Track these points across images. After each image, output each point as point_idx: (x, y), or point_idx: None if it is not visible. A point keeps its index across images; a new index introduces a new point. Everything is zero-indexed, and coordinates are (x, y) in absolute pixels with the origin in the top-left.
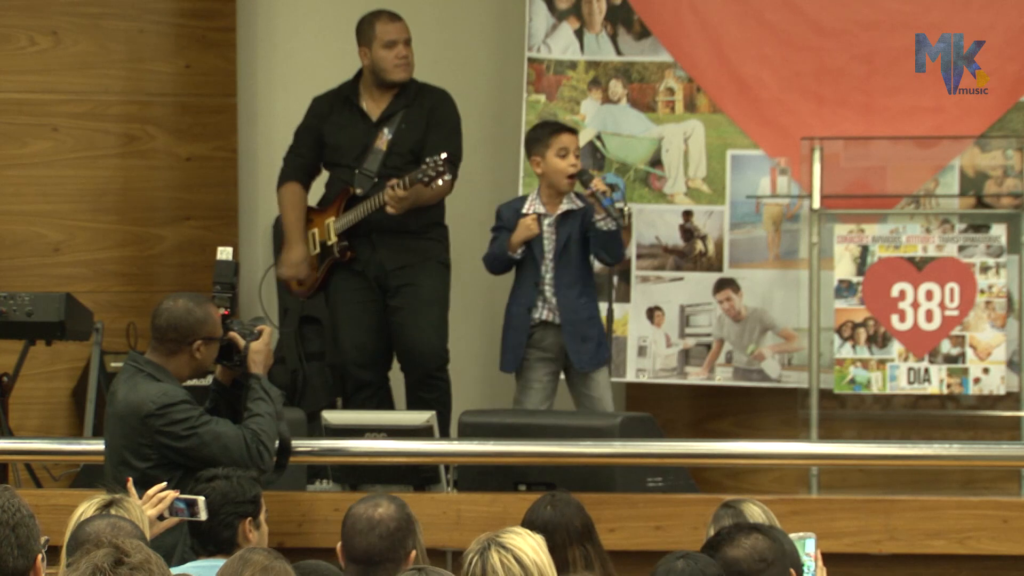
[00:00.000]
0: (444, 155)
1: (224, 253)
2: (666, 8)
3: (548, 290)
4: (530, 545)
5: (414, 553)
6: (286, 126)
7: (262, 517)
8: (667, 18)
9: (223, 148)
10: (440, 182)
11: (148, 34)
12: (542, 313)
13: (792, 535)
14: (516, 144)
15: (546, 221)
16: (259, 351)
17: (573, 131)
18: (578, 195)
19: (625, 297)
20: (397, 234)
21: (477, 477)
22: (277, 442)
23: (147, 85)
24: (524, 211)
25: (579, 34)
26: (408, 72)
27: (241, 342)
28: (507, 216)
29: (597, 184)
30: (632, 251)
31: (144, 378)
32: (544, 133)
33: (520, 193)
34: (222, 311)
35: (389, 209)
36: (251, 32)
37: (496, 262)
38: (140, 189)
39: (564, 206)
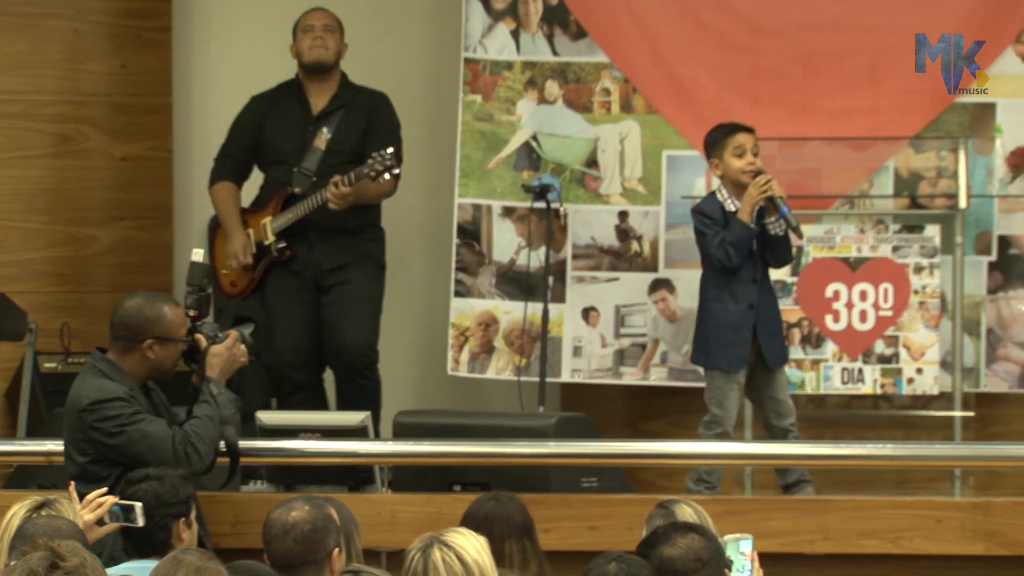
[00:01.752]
0: (391, 149)
1: (196, 255)
2: (602, 9)
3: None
4: (472, 545)
5: (336, 552)
6: (222, 126)
7: (193, 516)
8: (603, 19)
9: (158, 148)
10: (387, 176)
11: (84, 34)
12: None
13: (728, 536)
14: (452, 144)
15: (784, 207)
16: (218, 355)
17: (749, 129)
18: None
19: (560, 297)
20: (335, 233)
21: (412, 477)
22: (223, 446)
23: (82, 85)
24: (725, 207)
25: (515, 34)
26: (321, 54)
27: (203, 344)
28: (712, 211)
29: (775, 188)
30: (567, 251)
31: (94, 374)
32: (720, 135)
33: (456, 192)
34: (191, 313)
35: (331, 205)
36: (187, 32)
37: (744, 244)
38: (74, 189)
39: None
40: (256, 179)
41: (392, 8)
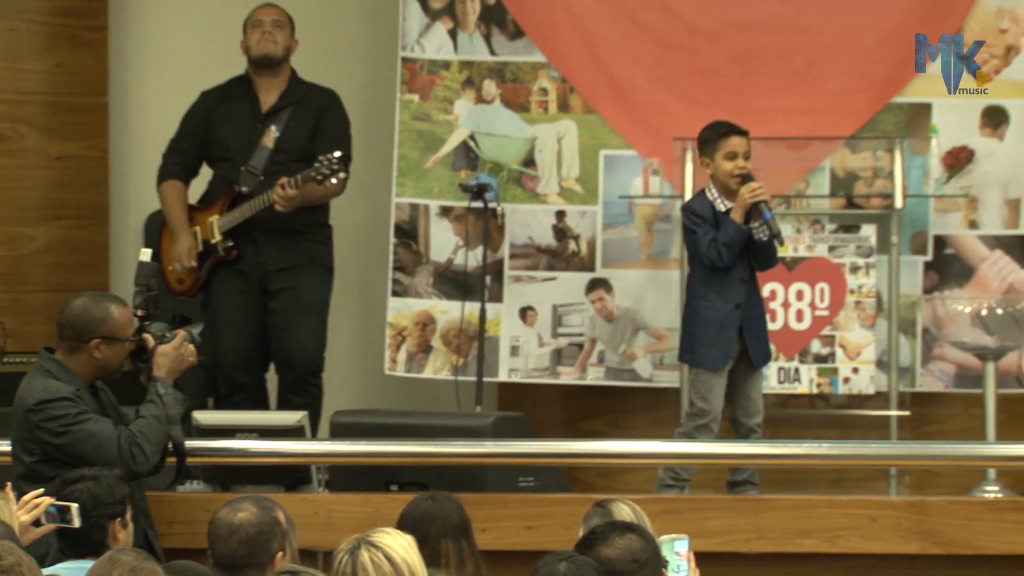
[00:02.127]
0: (338, 153)
1: (144, 255)
2: (540, 8)
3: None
4: (400, 544)
5: (280, 555)
6: (158, 125)
7: (128, 516)
8: (541, 18)
9: (94, 147)
10: (334, 180)
11: (19, 32)
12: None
13: (664, 536)
14: (389, 143)
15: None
16: (166, 354)
17: (742, 133)
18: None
19: (498, 297)
20: (282, 233)
21: (349, 477)
22: (170, 446)
23: (18, 84)
24: (715, 206)
25: (453, 34)
26: (270, 48)
27: (151, 343)
28: (702, 210)
29: (764, 194)
30: (505, 251)
31: (41, 374)
32: (714, 135)
33: (394, 192)
34: (139, 312)
35: (278, 207)
36: (123, 31)
37: (737, 245)
38: (10, 188)
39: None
40: (206, 174)
41: (329, 7)
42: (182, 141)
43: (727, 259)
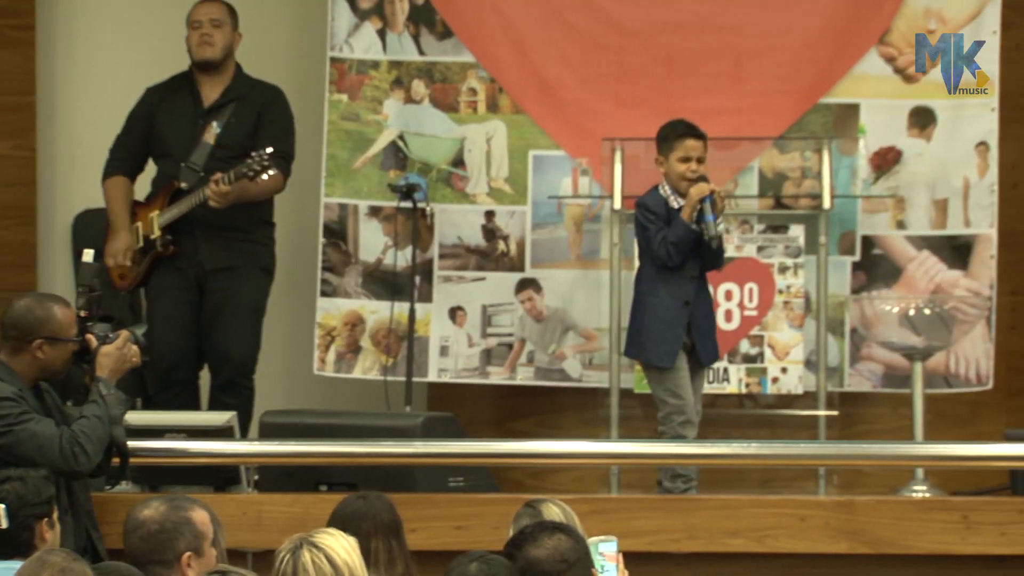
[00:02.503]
0: (270, 149)
1: (87, 256)
2: (468, 8)
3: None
4: (342, 546)
5: (187, 556)
6: (87, 125)
7: (55, 516)
8: (469, 18)
9: (22, 147)
10: (264, 177)
11: None
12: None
13: (593, 539)
14: (318, 143)
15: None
16: (108, 355)
17: (699, 136)
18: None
19: (427, 297)
20: (222, 231)
21: (278, 477)
22: (115, 446)
23: None
24: (668, 203)
25: (381, 34)
26: (209, 52)
27: (94, 344)
28: (655, 206)
29: (706, 191)
30: (434, 251)
31: None
32: (672, 135)
33: (323, 192)
34: (82, 313)
35: (211, 203)
36: (51, 30)
37: (686, 245)
38: None
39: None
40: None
41: (258, 6)
42: (126, 137)
43: (676, 258)
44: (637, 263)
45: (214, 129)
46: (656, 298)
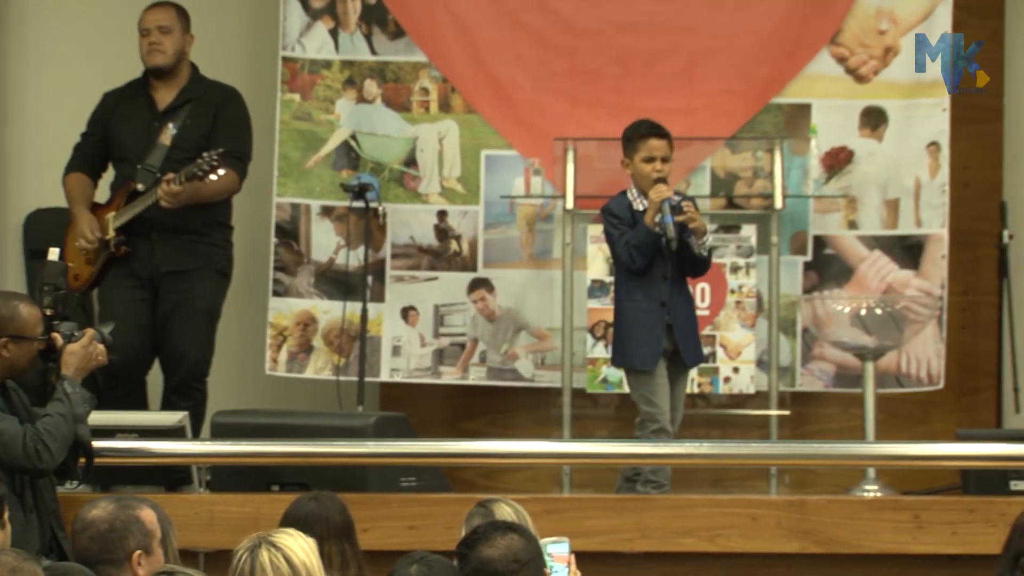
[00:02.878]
0: (221, 149)
1: (52, 254)
2: (420, 8)
3: (669, 283)
4: (300, 546)
5: (137, 555)
6: (38, 126)
7: (5, 516)
8: (421, 18)
9: None
10: (214, 176)
11: None
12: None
13: (543, 540)
14: (270, 143)
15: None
16: (74, 352)
17: (662, 135)
18: (677, 192)
19: (379, 297)
20: (177, 233)
21: (230, 477)
22: (79, 445)
23: None
24: (633, 206)
25: (334, 33)
26: (160, 59)
27: (59, 342)
28: (620, 210)
29: (664, 193)
30: (386, 251)
31: None
32: (635, 135)
33: (275, 192)
34: (47, 311)
35: (163, 204)
36: (2, 33)
37: (648, 248)
38: None
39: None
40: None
41: (210, 6)
42: (86, 138)
43: (639, 261)
44: (612, 271)
45: (170, 131)
46: (634, 303)
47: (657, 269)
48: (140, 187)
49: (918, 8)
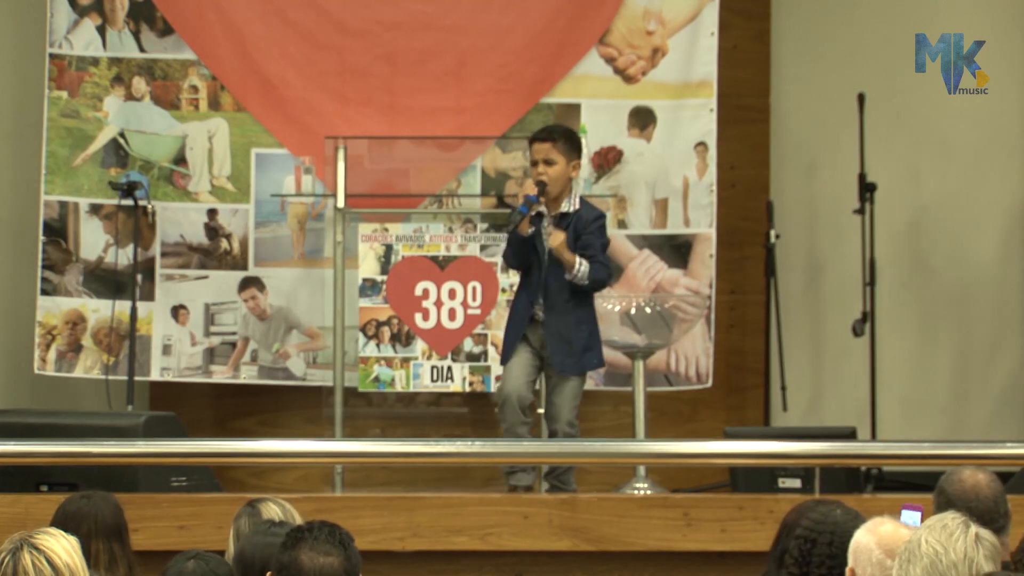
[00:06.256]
0: None
1: None
2: (188, 6)
3: (543, 288)
4: (63, 547)
5: None
6: None
7: None
8: (190, 16)
9: None
10: None
11: None
12: (537, 311)
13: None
14: (38, 140)
15: (545, 220)
16: None
17: (541, 139)
18: (581, 199)
19: (149, 295)
20: None
21: None
22: None
23: None
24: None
25: (101, 30)
26: None
27: None
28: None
29: (528, 191)
30: (156, 249)
31: None
32: (529, 142)
33: (42, 189)
34: None
35: None
36: None
37: (513, 245)
38: None
39: (563, 207)
40: None
41: None
42: None
43: (511, 260)
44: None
45: None
46: (516, 298)
47: (534, 272)
48: None
49: (685, 9)
